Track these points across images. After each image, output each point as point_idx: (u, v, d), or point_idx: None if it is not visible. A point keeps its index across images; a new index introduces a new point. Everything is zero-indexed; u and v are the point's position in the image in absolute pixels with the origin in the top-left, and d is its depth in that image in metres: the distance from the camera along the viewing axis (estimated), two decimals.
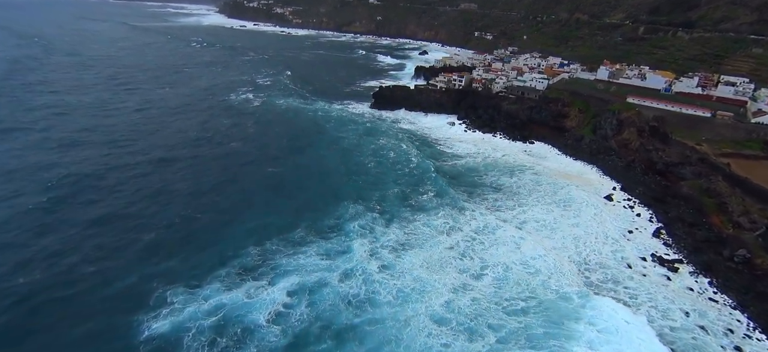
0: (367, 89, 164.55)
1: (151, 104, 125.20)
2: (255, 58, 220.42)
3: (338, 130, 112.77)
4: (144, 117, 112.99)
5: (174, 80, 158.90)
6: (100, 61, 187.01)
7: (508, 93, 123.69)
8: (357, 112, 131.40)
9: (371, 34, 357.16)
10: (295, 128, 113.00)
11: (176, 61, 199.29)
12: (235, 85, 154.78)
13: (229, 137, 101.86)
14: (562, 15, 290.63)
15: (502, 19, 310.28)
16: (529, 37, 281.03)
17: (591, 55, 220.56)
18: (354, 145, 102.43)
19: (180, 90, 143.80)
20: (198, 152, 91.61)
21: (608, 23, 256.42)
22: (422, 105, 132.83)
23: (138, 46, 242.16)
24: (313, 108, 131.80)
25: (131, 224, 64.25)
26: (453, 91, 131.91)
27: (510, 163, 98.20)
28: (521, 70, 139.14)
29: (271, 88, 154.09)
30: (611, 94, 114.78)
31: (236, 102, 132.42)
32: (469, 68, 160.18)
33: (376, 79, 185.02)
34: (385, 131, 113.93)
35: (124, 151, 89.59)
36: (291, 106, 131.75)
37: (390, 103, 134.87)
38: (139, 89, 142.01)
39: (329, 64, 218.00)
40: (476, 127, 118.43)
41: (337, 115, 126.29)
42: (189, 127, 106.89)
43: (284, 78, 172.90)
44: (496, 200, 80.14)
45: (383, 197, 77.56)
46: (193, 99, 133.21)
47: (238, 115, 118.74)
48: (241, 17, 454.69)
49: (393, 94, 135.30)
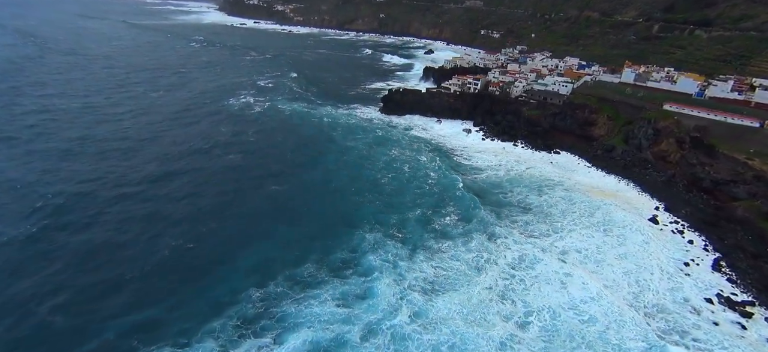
0: (374, 92, 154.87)
1: (146, 110, 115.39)
2: (256, 58, 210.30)
3: (347, 139, 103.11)
4: (137, 125, 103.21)
5: (171, 83, 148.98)
6: (95, 62, 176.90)
7: (529, 98, 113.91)
8: (366, 117, 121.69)
9: (374, 32, 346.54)
10: (300, 137, 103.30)
11: (174, 62, 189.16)
12: (235, 88, 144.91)
13: (228, 148, 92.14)
14: (571, 13, 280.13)
15: (509, 17, 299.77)
16: (538, 35, 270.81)
17: (605, 55, 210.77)
18: (365, 157, 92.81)
19: (177, 94, 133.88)
20: (194, 167, 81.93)
21: (620, 21, 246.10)
22: (435, 110, 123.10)
23: (135, 45, 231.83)
24: (318, 113, 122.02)
25: (116, 258, 54.77)
26: (468, 95, 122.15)
27: (536, 177, 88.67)
28: (540, 72, 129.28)
29: (274, 91, 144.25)
30: (641, 100, 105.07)
31: (236, 107, 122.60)
32: (482, 70, 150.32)
33: (383, 80, 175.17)
34: (398, 140, 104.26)
35: (114, 167, 79.92)
36: (295, 112, 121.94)
37: (400, 108, 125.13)
38: (133, 93, 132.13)
39: (333, 64, 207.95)
40: (495, 135, 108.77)
41: (345, 121, 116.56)
42: (185, 137, 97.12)
43: (287, 80, 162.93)
44: (528, 223, 70.61)
45: (403, 220, 68.05)
46: (190, 104, 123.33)
47: (239, 123, 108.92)
48: (241, 15, 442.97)
49: (403, 98, 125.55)
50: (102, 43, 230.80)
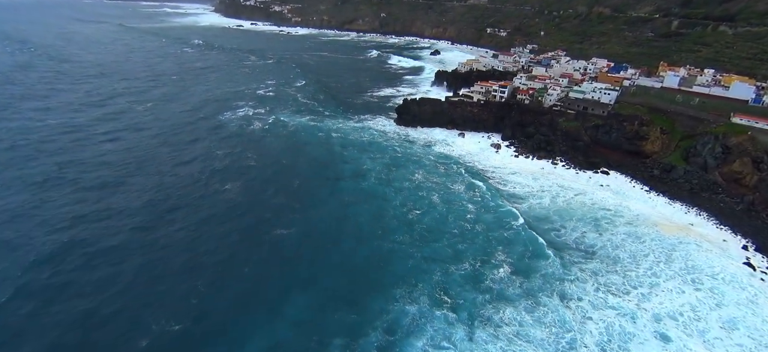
0: (383, 100, 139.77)
1: (131, 129, 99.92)
2: (254, 63, 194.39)
3: (361, 161, 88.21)
4: (120, 149, 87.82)
5: (163, 94, 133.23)
6: (84, 70, 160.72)
7: (565, 107, 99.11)
8: (379, 131, 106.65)
9: (375, 32, 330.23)
10: (308, 159, 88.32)
11: (168, 69, 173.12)
12: (232, 99, 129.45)
13: (225, 178, 76.94)
14: (581, 9, 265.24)
15: (516, 15, 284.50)
16: (547, 33, 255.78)
17: (624, 54, 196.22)
18: (385, 183, 77.94)
19: (168, 107, 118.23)
20: (183, 210, 66.70)
21: (636, 17, 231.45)
22: (456, 122, 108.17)
23: (128, 51, 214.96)
24: (325, 128, 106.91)
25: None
26: (493, 104, 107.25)
27: (588, 206, 74.07)
28: (572, 77, 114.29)
29: (275, 102, 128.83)
30: (697, 109, 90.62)
31: (234, 123, 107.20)
32: (502, 74, 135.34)
33: (392, 86, 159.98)
34: (420, 160, 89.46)
35: (84, 213, 64.68)
36: (300, 127, 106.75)
37: (418, 120, 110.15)
38: (120, 107, 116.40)
39: (337, 68, 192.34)
40: (529, 152, 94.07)
41: (357, 137, 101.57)
42: (174, 165, 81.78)
43: (289, 88, 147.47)
44: (597, 273, 56.08)
45: (447, 276, 53.38)
46: (183, 120, 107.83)
47: (237, 144, 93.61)
48: (238, 16, 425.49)
49: (421, 109, 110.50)
50: (93, 49, 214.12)
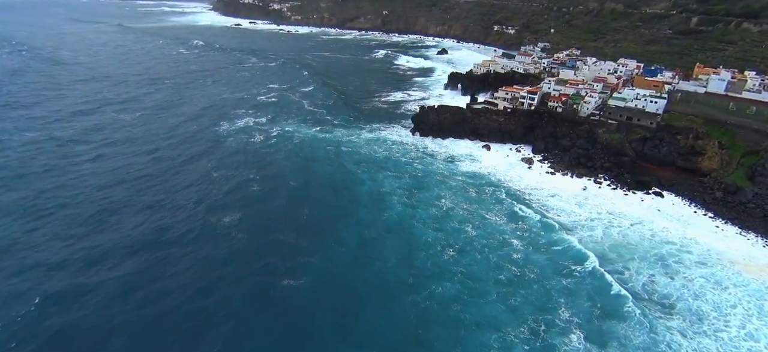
0: (394, 105, 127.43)
1: (116, 145, 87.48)
2: (255, 64, 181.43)
3: (378, 181, 76.17)
4: (99, 173, 75.34)
5: (155, 102, 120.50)
6: (74, 74, 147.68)
7: (606, 117, 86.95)
8: (394, 142, 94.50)
9: (377, 30, 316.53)
10: (317, 181, 76.14)
11: (163, 72, 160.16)
12: (231, 107, 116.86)
13: (222, 210, 64.71)
14: (592, 4, 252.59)
15: (523, 11, 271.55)
16: (558, 30, 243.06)
17: (642, 52, 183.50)
18: (409, 214, 65.89)
19: (159, 119, 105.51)
20: (171, 261, 54.44)
21: (651, 14, 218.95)
22: (480, 132, 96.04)
23: (123, 52, 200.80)
24: (334, 140, 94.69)
25: None
26: (521, 112, 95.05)
27: (647, 239, 62.20)
28: (607, 81, 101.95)
29: (278, 110, 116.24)
30: (759, 120, 78.71)
31: (233, 136, 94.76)
32: (523, 76, 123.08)
33: (402, 89, 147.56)
34: (444, 180, 77.47)
35: (59, 256, 52.70)
36: (306, 139, 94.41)
37: (436, 130, 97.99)
38: (106, 119, 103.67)
39: (341, 69, 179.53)
40: (566, 168, 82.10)
41: (370, 151, 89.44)
42: (161, 194, 69.27)
43: (291, 93, 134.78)
44: (685, 333, 44.40)
45: (505, 348, 41.54)
46: (174, 134, 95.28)
47: (236, 163, 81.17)
48: (236, 14, 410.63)
49: (440, 117, 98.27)
50: (88, 51, 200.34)
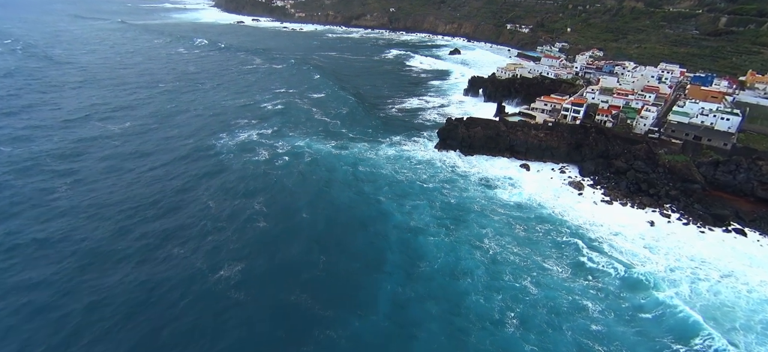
0: (411, 113, 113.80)
1: (98, 168, 74.18)
2: (258, 66, 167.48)
3: (404, 212, 62.95)
4: (74, 206, 62.06)
5: (148, 112, 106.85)
6: (69, 77, 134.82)
7: (667, 135, 73.43)
8: (419, 161, 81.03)
9: (384, 28, 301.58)
10: (333, 212, 62.81)
11: (159, 75, 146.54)
12: (232, 117, 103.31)
13: (218, 257, 51.36)
14: (610, 3, 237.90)
15: (537, 9, 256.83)
16: (575, 29, 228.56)
17: (670, 54, 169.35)
18: (451, 264, 52.43)
19: (150, 133, 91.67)
20: (153, 316, 41.56)
21: (675, 12, 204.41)
22: (516, 149, 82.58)
23: (123, 53, 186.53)
24: (350, 157, 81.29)
25: None
26: (564, 127, 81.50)
27: (744, 295, 49.10)
28: (659, 91, 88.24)
29: (284, 119, 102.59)
30: None
31: (233, 153, 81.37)
32: (554, 82, 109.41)
33: (417, 94, 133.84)
34: (484, 211, 64.18)
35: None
36: (318, 157, 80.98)
37: (466, 146, 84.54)
38: (91, 132, 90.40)
39: (351, 71, 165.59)
40: (623, 196, 68.72)
41: (392, 171, 76.10)
42: (147, 233, 55.91)
43: (299, 99, 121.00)
44: None
45: None
46: (166, 153, 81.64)
47: (238, 191, 67.49)
48: (239, 11, 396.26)
49: (470, 131, 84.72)
50: (83, 50, 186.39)
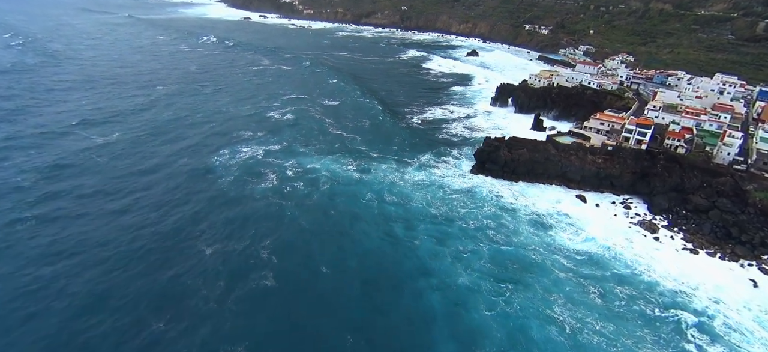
0: (435, 126, 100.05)
1: (72, 196, 61.37)
2: (266, 68, 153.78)
3: (445, 264, 49.73)
4: (37, 255, 49.27)
5: (141, 122, 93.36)
6: (64, 75, 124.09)
7: (758, 167, 59.79)
8: (456, 190, 67.29)
9: (395, 26, 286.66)
10: (358, 267, 49.30)
11: (159, 75, 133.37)
12: (233, 127, 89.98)
13: (215, 335, 38.48)
14: (635, 4, 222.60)
15: (556, 9, 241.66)
16: (598, 31, 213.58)
17: (707, 62, 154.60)
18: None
19: (140, 148, 78.33)
20: None
21: (708, 16, 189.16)
22: (570, 177, 69.04)
23: (125, 50, 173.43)
24: (374, 184, 67.83)
25: None
26: (627, 152, 67.80)
27: None
28: (733, 109, 74.31)
29: (295, 132, 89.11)
30: None
31: (234, 176, 67.96)
32: (597, 93, 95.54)
33: (439, 102, 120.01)
34: (545, 262, 50.82)
35: None
36: (335, 183, 67.53)
37: (509, 171, 71.04)
38: (72, 147, 77.49)
39: (365, 73, 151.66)
40: (710, 243, 55.24)
41: (424, 203, 62.71)
42: (125, 295, 42.84)
43: (311, 106, 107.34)
44: None
45: None
46: (155, 175, 68.43)
47: (237, 230, 53.93)
48: (246, 7, 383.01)
49: (513, 154, 71.15)
50: (83, 46, 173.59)
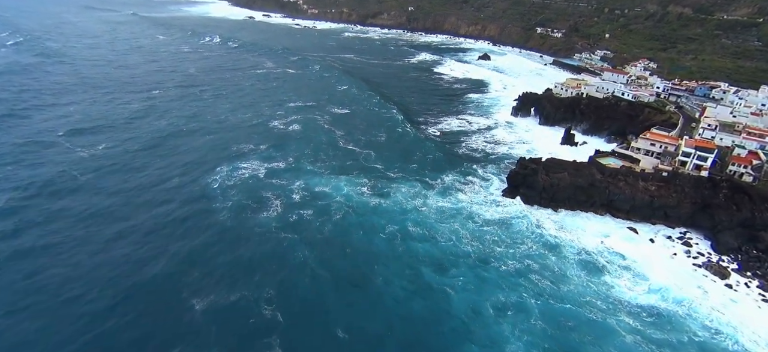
0: (454, 139, 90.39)
1: (35, 233, 52.01)
2: (269, 71, 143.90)
3: (488, 329, 40.35)
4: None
5: (127, 132, 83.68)
6: (55, 76, 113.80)
7: None
8: (487, 220, 57.60)
9: (402, 28, 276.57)
10: (380, 333, 40.18)
11: (156, 78, 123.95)
12: (232, 139, 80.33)
13: None
14: (651, 7, 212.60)
15: (569, 12, 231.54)
16: (614, 35, 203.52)
17: (734, 69, 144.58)
18: None
19: (126, 165, 68.79)
20: None
21: (732, 21, 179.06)
22: (619, 206, 59.53)
23: (120, 49, 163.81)
24: (394, 213, 58.16)
25: None
26: (685, 179, 58.25)
27: None
28: None
29: (300, 146, 79.49)
30: None
31: (232, 201, 58.28)
32: (633, 105, 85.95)
33: (455, 111, 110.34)
34: (607, 322, 41.37)
35: None
36: (349, 212, 57.81)
37: (548, 197, 61.54)
38: (49, 168, 68.35)
39: (374, 77, 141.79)
40: None
41: (454, 240, 53.11)
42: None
43: (319, 115, 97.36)
44: None
45: None
46: (139, 201, 59.17)
47: (235, 274, 44.51)
48: (249, 6, 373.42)
49: (552, 177, 61.59)
50: (81, 44, 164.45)
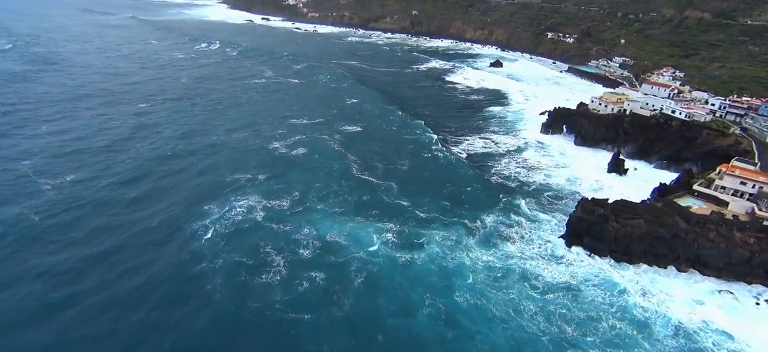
0: (482, 164, 77.51)
1: None
2: (269, 82, 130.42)
3: None
4: None
5: (103, 159, 71.08)
6: (36, 87, 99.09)
7: None
8: (550, 285, 44.78)
9: (405, 32, 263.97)
10: None
11: (147, 89, 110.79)
12: (225, 168, 66.96)
13: None
14: (667, 12, 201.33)
15: (581, 16, 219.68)
16: (629, 41, 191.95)
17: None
18: None
19: (97, 204, 55.79)
20: None
21: (758, 27, 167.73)
22: (708, 262, 47.08)
23: (110, 57, 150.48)
24: (431, 275, 45.23)
25: None
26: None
27: None
28: None
29: (306, 177, 66.39)
30: None
31: (222, 259, 44.99)
32: (688, 126, 73.71)
33: (477, 129, 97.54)
34: None
35: None
36: (373, 274, 44.79)
37: (619, 250, 48.97)
38: (6, 207, 55.29)
39: (382, 86, 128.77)
40: None
41: (508, 312, 40.25)
42: None
43: (328, 135, 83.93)
44: None
45: None
46: (105, 262, 46.13)
47: None
48: (248, 9, 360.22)
49: (624, 224, 48.95)
50: (70, 50, 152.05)
